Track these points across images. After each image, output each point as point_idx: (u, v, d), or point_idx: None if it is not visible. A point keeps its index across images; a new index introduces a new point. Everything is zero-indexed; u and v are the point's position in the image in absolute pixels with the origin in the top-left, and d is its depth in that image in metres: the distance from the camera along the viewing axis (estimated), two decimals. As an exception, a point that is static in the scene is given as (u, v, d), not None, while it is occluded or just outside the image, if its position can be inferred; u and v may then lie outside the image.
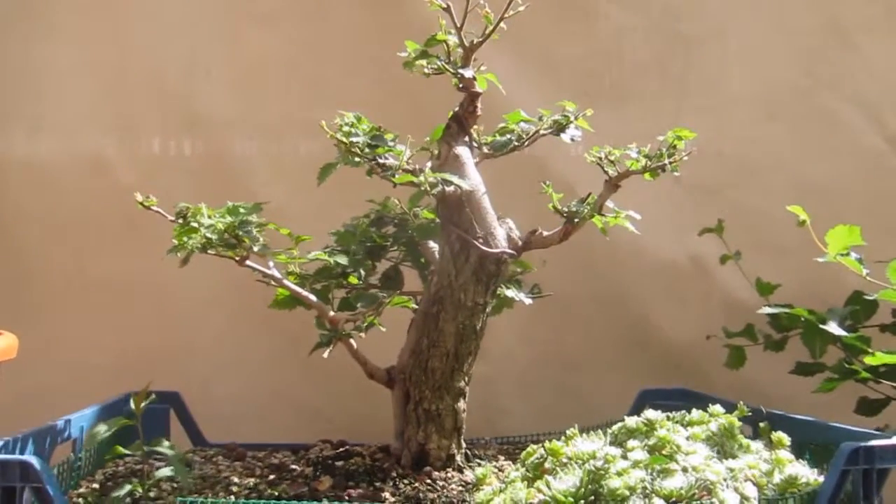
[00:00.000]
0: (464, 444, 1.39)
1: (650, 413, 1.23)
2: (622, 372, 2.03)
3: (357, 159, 1.21)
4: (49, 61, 1.95)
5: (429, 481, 1.28)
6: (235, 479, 1.35)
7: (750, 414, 1.33)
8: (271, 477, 1.36)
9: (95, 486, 1.35)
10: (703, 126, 2.09)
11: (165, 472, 1.26)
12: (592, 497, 1.03)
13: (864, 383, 1.56)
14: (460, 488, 1.26)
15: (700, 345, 1.90)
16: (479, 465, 1.37)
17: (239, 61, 1.99)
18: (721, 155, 2.08)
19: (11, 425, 1.31)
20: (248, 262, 1.31)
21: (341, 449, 1.47)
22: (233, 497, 1.26)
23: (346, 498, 1.22)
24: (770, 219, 1.99)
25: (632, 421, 1.22)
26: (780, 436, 1.24)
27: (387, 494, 1.23)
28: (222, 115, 1.99)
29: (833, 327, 1.49)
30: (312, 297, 1.34)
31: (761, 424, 1.35)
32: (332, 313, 1.35)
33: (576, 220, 1.33)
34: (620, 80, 2.07)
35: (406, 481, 1.28)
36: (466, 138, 1.33)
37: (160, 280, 1.84)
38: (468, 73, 1.28)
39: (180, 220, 1.29)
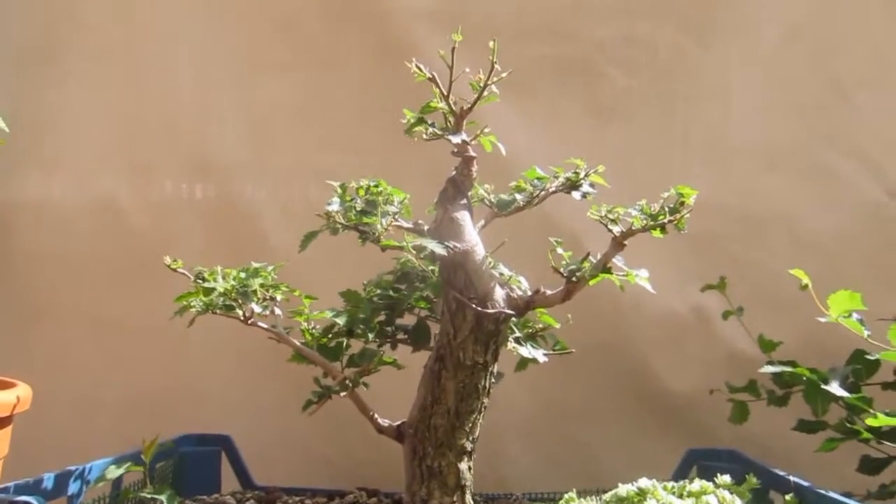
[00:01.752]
0: (469, 502, 1.33)
1: (643, 482, 1.16)
2: (625, 422, 1.96)
3: (338, 227, 1.17)
4: (64, 106, 1.95)
5: (426, 539, 1.22)
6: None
7: (759, 486, 1.24)
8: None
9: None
10: (705, 180, 2.05)
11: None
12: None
13: (866, 443, 1.48)
14: (455, 548, 1.20)
15: (703, 397, 1.82)
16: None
17: (251, 108, 1.98)
18: (723, 208, 2.02)
19: (24, 467, 1.28)
20: (259, 323, 1.27)
21: (372, 498, 1.45)
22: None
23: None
24: (772, 272, 1.93)
25: (624, 489, 1.16)
26: (788, 514, 1.17)
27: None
28: (234, 160, 1.97)
29: (834, 387, 1.42)
30: (316, 355, 1.30)
31: (787, 497, 1.27)
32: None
33: (574, 279, 1.27)
34: (625, 137, 2.02)
35: (403, 537, 1.22)
36: (464, 201, 1.29)
37: (172, 323, 1.80)
38: (456, 139, 1.24)
39: (199, 281, 1.26)
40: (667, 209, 1.26)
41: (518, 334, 1.38)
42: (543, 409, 1.96)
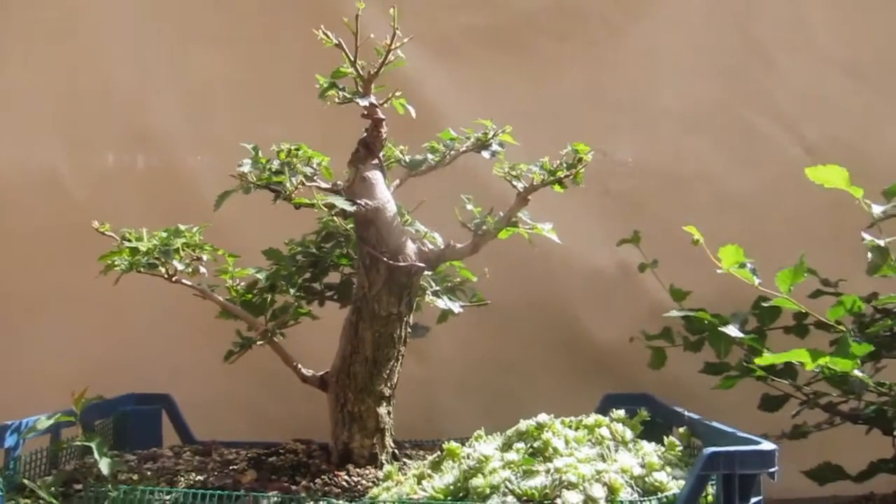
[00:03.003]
0: (389, 444, 1.41)
1: (542, 417, 1.25)
2: (555, 373, 2.06)
3: (250, 187, 1.24)
4: (2, 83, 1.98)
5: (345, 477, 1.31)
6: (183, 472, 1.40)
7: (648, 419, 1.34)
8: (215, 472, 1.39)
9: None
10: (633, 141, 2.14)
11: (103, 464, 1.29)
12: (462, 494, 1.05)
13: (764, 381, 1.58)
14: (370, 484, 1.28)
15: (628, 346, 1.92)
16: (405, 463, 1.40)
17: (189, 80, 2.02)
18: (650, 168, 2.12)
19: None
20: (183, 280, 1.34)
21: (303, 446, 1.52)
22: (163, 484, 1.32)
23: (259, 489, 1.25)
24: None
25: (524, 424, 1.25)
26: (672, 440, 1.27)
27: (298, 487, 1.27)
28: (173, 131, 2.02)
29: (731, 330, 1.52)
30: (240, 309, 1.38)
31: (680, 430, 1.36)
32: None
33: (480, 233, 1.35)
34: (556, 102, 2.10)
35: (324, 477, 1.31)
36: (375, 161, 1.36)
37: (114, 291, 1.85)
38: (364, 101, 1.31)
39: (124, 244, 1.33)
40: (565, 165, 1.33)
41: (436, 288, 1.47)
42: (476, 364, 2.05)
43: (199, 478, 1.35)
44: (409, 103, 1.37)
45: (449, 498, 1.07)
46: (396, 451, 1.43)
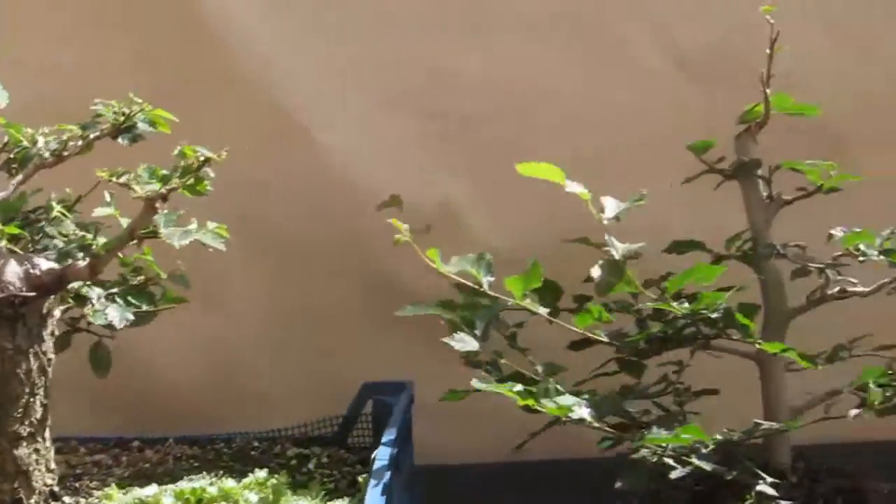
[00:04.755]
0: (42, 485, 1.18)
1: (149, 490, 1.01)
2: (374, 325, 1.79)
3: None
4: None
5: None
6: None
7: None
8: None
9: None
10: (470, 51, 1.74)
11: None
12: None
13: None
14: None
15: (450, 294, 1.64)
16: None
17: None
18: (487, 84, 1.73)
19: None
20: None
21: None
22: None
23: None
24: (541, 157, 1.68)
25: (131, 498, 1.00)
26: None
27: None
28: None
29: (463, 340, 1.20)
30: None
31: (360, 479, 1.11)
32: None
33: (89, 256, 1.05)
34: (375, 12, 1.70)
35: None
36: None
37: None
38: None
39: None
40: (178, 172, 1.00)
41: (110, 291, 1.20)
42: (283, 317, 1.80)
43: None
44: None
45: None
46: (56, 489, 1.22)
